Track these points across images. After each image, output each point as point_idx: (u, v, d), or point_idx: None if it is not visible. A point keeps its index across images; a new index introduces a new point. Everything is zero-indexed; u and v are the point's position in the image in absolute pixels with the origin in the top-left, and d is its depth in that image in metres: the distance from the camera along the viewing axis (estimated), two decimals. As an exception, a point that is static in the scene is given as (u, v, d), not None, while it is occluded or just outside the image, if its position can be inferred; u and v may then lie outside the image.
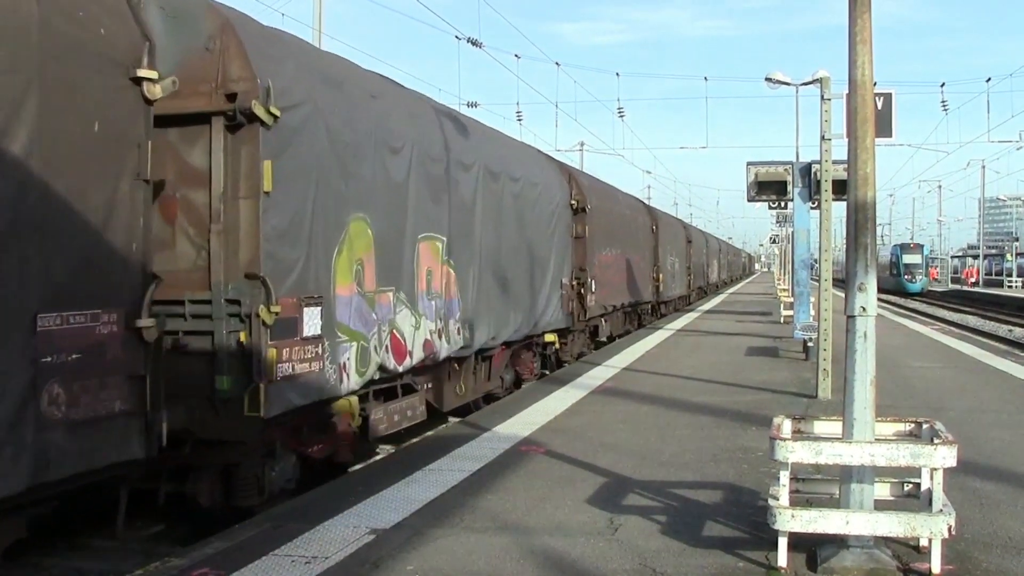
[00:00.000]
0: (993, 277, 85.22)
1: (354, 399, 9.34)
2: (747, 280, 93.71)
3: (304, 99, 8.38)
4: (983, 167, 73.53)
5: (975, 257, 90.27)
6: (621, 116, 41.94)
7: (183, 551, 6.59)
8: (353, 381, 9.17)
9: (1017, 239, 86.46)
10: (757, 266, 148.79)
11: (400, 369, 10.26)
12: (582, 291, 18.74)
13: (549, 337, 17.04)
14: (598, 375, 15.83)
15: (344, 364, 8.97)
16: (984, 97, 39.08)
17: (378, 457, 11.02)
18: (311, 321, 8.32)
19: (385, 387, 10.31)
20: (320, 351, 8.52)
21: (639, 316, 29.02)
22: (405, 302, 10.37)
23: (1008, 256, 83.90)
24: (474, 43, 23.46)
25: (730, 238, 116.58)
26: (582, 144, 51.95)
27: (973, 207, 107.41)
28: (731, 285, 74.37)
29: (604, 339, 22.83)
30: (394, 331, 10.10)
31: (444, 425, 12.20)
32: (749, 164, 18.02)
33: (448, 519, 7.08)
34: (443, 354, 11.49)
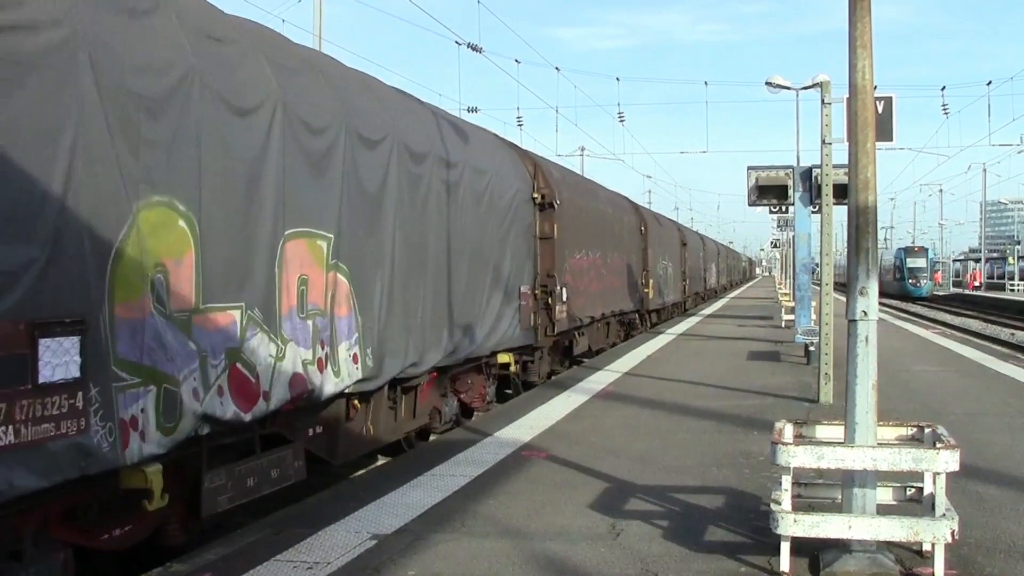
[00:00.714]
0: (995, 281, 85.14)
1: (155, 469, 6.14)
2: (748, 284, 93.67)
3: (49, 16, 5.52)
4: (984, 171, 73.51)
5: (977, 261, 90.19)
6: (621, 121, 41.93)
7: (184, 557, 6.58)
8: (152, 443, 6.11)
9: (1018, 242, 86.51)
10: (758, 270, 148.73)
11: (247, 417, 7.13)
12: (550, 301, 15.81)
13: (503, 358, 13.92)
14: (600, 379, 15.82)
15: (132, 419, 5.97)
16: (985, 101, 39.07)
17: (379, 463, 11.02)
18: (56, 359, 5.40)
19: (233, 442, 7.38)
20: (78, 404, 5.54)
21: (627, 326, 26.26)
22: (259, 323, 7.35)
23: (1010, 260, 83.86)
24: (474, 48, 23.47)
25: (731, 242, 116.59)
26: (582, 149, 52.03)
27: (974, 211, 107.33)
28: (731, 290, 72.98)
29: (582, 355, 19.80)
30: (237, 365, 7.06)
31: (445, 431, 12.17)
32: (750, 168, 18.03)
33: (449, 524, 7.07)
34: (328, 390, 8.37)
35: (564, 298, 16.65)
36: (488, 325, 12.89)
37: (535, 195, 15.55)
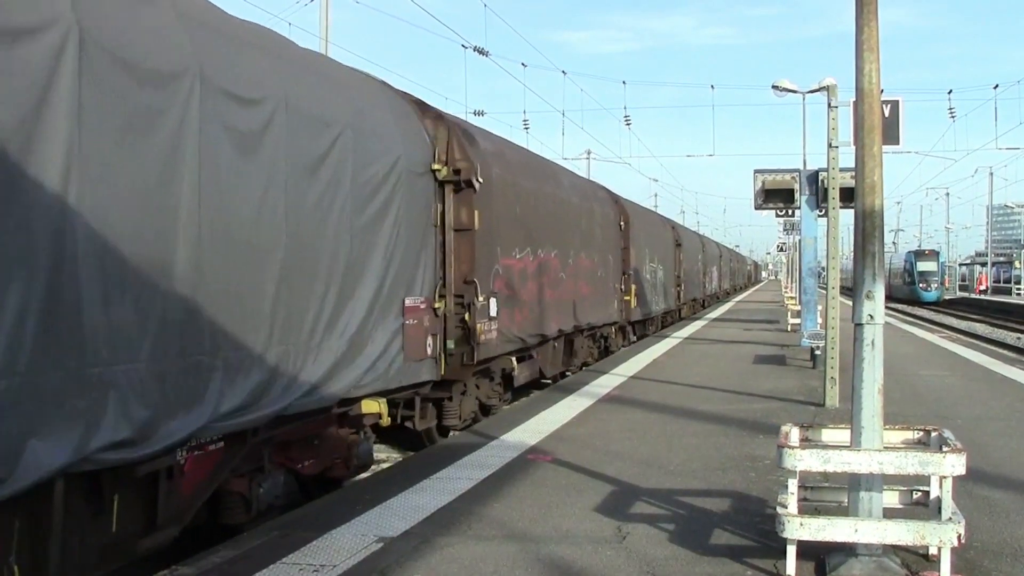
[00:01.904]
0: (1001, 284, 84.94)
1: None
2: (753, 288, 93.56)
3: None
4: (991, 174, 73.53)
5: (983, 264, 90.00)
6: (628, 124, 41.95)
7: (190, 560, 6.59)
8: None
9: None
10: (764, 274, 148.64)
11: None
12: (467, 317, 11.60)
13: (370, 406, 9.55)
14: (605, 383, 15.81)
15: None
16: (992, 104, 39.24)
17: (385, 465, 11.03)
18: None
19: None
20: None
21: (602, 341, 22.08)
22: None
23: (1016, 263, 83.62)
24: (481, 52, 23.51)
25: (737, 246, 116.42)
26: (589, 152, 52.00)
27: (981, 214, 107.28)
28: (735, 295, 71.08)
29: (531, 384, 16.04)
30: None
31: (451, 434, 12.18)
32: (756, 172, 18.00)
33: (456, 527, 7.08)
34: None
35: (493, 312, 12.44)
36: (335, 358, 8.46)
37: (438, 168, 11.15)
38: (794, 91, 23.36)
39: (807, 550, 5.98)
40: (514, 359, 13.92)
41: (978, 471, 8.20)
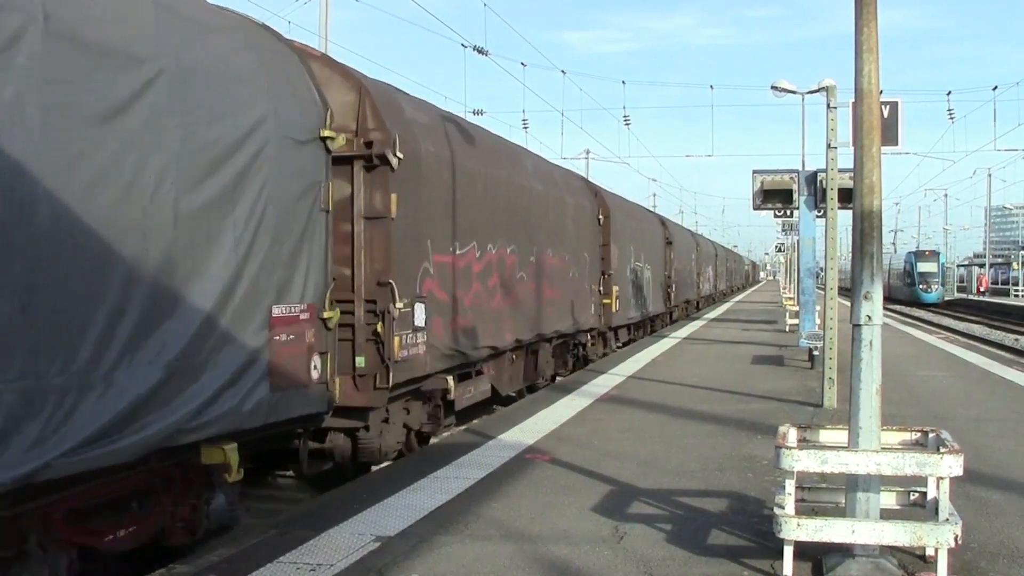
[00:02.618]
0: (999, 286, 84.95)
1: None
2: (751, 289, 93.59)
3: None
4: (989, 175, 73.50)
5: (981, 266, 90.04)
6: (627, 124, 41.92)
7: (188, 558, 6.59)
8: None
9: (1023, 248, 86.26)
10: (763, 274, 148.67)
11: None
12: (380, 329, 9.39)
13: (212, 454, 6.89)
14: (603, 383, 15.82)
15: None
16: (991, 106, 39.07)
17: (384, 464, 11.03)
18: None
19: None
20: None
21: (580, 349, 19.78)
22: None
23: (1014, 265, 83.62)
24: (480, 51, 23.47)
25: (735, 246, 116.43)
26: (588, 152, 51.97)
27: (979, 215, 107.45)
28: (733, 296, 69.63)
29: (480, 405, 13.28)
30: None
31: (449, 433, 12.18)
32: (755, 172, 18.02)
33: (453, 527, 7.08)
34: None
35: (419, 321, 10.12)
36: (128, 395, 5.91)
37: (331, 136, 8.43)
38: (793, 92, 23.34)
39: (804, 551, 5.99)
40: (451, 378, 11.26)
41: (975, 472, 8.21)
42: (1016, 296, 72.01)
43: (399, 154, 9.54)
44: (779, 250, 58.66)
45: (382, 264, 9.50)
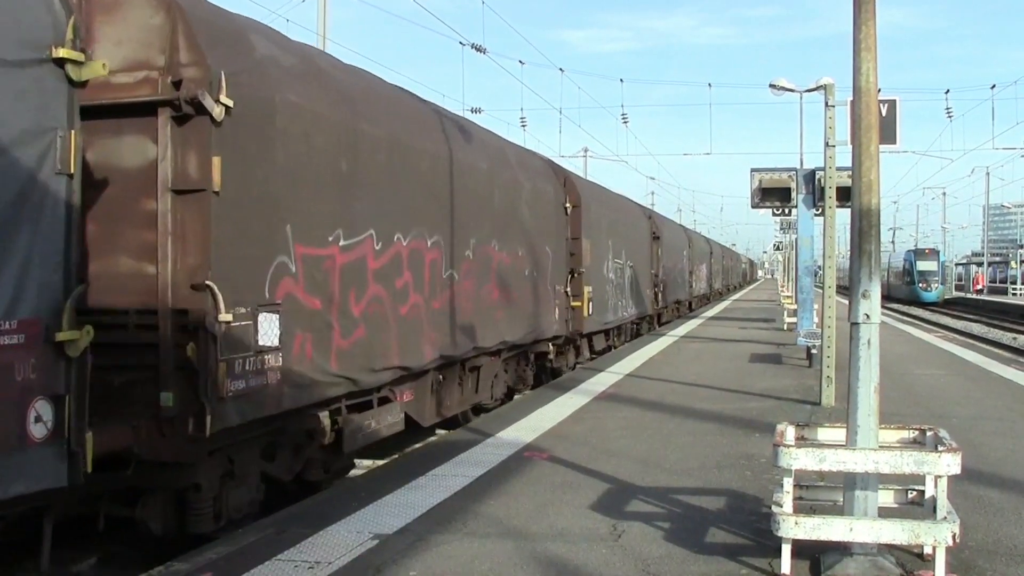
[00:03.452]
0: (997, 285, 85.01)
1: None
2: (749, 287, 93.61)
3: None
4: (987, 174, 73.48)
5: (979, 264, 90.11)
6: (625, 122, 41.90)
7: (186, 556, 6.59)
8: None
9: (1021, 246, 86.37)
10: (760, 273, 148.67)
11: None
12: (190, 352, 6.93)
13: None
14: (601, 381, 15.81)
15: None
16: (989, 104, 39.20)
17: (381, 462, 11.03)
18: None
19: None
20: None
21: (537, 361, 16.88)
22: None
23: (1012, 263, 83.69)
24: (478, 49, 23.46)
25: (734, 244, 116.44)
26: (586, 150, 52.01)
27: (977, 214, 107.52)
28: (730, 294, 67.76)
29: (373, 448, 10.43)
30: None
31: (447, 431, 12.18)
32: (753, 171, 18.01)
33: (451, 524, 7.08)
34: None
35: (267, 338, 7.58)
36: None
37: (75, 60, 5.82)
38: (791, 90, 23.35)
39: (802, 549, 5.99)
40: (325, 414, 8.71)
41: (973, 471, 8.22)
42: (1014, 295, 72.06)
43: (226, 100, 6.94)
44: (777, 248, 58.54)
45: (198, 257, 6.90)
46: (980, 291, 77.23)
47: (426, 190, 10.90)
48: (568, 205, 17.89)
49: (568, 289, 17.73)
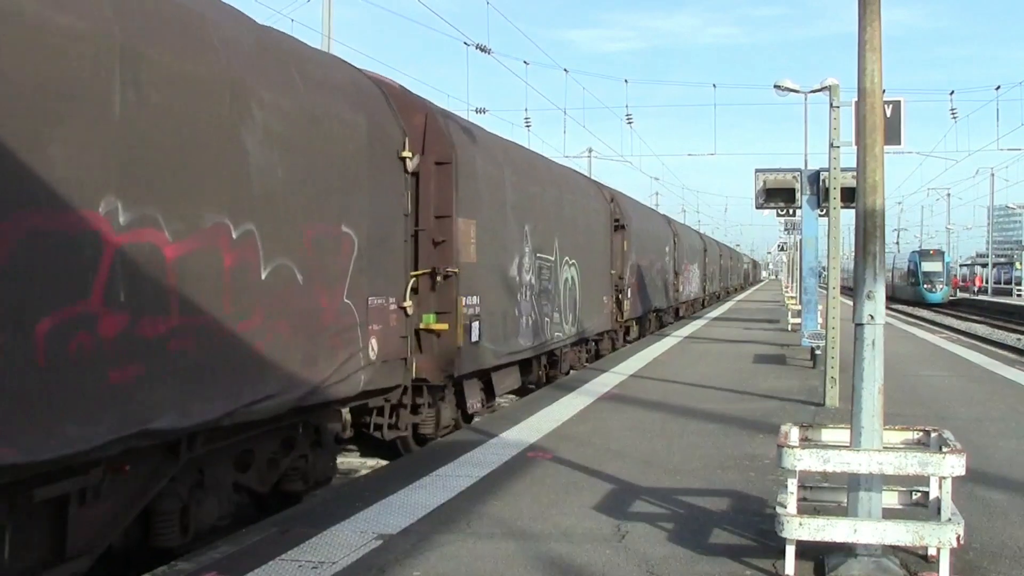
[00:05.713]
0: (1002, 286, 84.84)
1: None
2: (752, 288, 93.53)
3: None
4: (992, 175, 73.39)
5: (984, 266, 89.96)
6: (630, 123, 41.90)
7: (190, 555, 6.60)
8: None
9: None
10: (764, 273, 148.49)
11: None
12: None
13: None
14: (605, 381, 15.81)
15: None
16: (994, 105, 39.09)
17: (384, 463, 11.04)
18: None
19: None
20: None
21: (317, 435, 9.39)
22: None
23: (1017, 264, 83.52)
24: (483, 49, 23.47)
25: (738, 245, 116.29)
26: (590, 150, 51.95)
27: (982, 215, 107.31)
28: (730, 297, 62.57)
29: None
30: None
31: (452, 431, 12.18)
32: (757, 171, 17.97)
33: (455, 525, 7.08)
34: None
35: None
36: None
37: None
38: (796, 91, 23.35)
39: (806, 550, 5.98)
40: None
41: (978, 472, 8.20)
42: (1019, 296, 71.92)
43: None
44: (781, 249, 58.24)
45: None
46: (977, 292, 76.97)
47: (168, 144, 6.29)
48: (408, 154, 10.41)
49: (405, 304, 10.41)
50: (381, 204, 9.83)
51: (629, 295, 23.74)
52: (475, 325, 11.96)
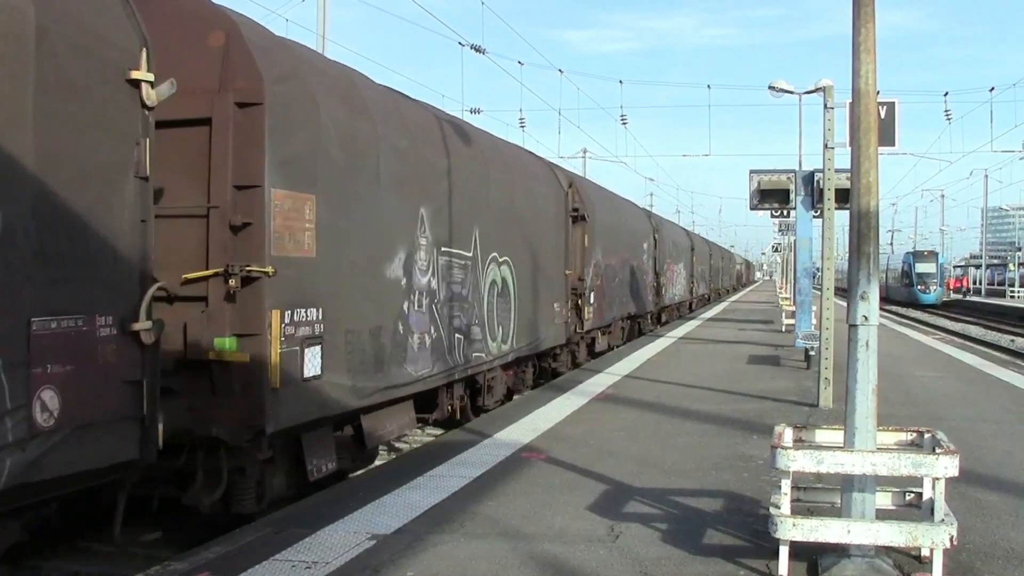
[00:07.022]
0: (995, 287, 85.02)
1: None
2: (746, 290, 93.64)
3: None
4: (986, 176, 73.50)
5: (977, 267, 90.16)
6: (624, 123, 41.91)
7: (183, 555, 6.59)
8: None
9: (1020, 249, 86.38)
10: (758, 274, 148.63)
11: None
12: None
13: None
14: (600, 382, 15.81)
15: None
16: (987, 107, 39.15)
17: (379, 463, 11.02)
18: None
19: None
20: None
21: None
22: None
23: (1010, 266, 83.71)
24: (478, 50, 23.45)
25: (732, 246, 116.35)
26: (585, 151, 51.96)
27: (976, 216, 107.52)
28: (722, 299, 60.30)
29: None
30: None
31: (445, 432, 12.18)
32: (752, 172, 18.02)
33: (448, 525, 7.07)
34: None
35: None
36: None
37: None
38: (790, 92, 23.41)
39: (800, 551, 5.99)
40: None
41: (971, 473, 8.22)
42: (1013, 297, 72.08)
43: None
44: (776, 250, 58.19)
45: None
46: (964, 292, 77.09)
47: None
48: (149, 80, 6.24)
49: (139, 326, 6.16)
50: (68, 154, 5.65)
51: (593, 300, 19.78)
52: (312, 352, 8.12)
